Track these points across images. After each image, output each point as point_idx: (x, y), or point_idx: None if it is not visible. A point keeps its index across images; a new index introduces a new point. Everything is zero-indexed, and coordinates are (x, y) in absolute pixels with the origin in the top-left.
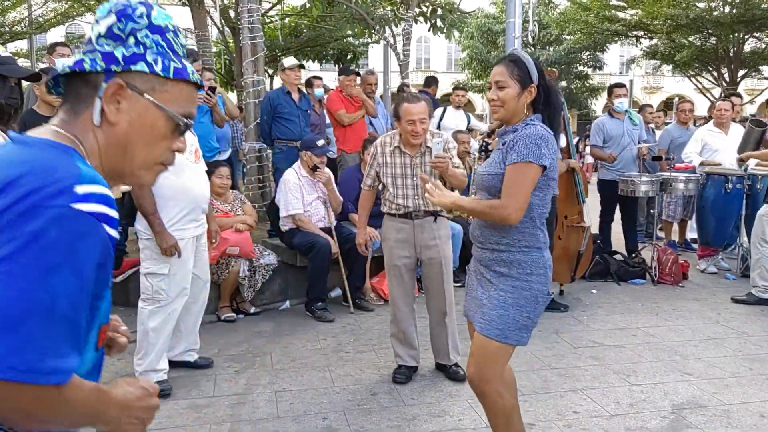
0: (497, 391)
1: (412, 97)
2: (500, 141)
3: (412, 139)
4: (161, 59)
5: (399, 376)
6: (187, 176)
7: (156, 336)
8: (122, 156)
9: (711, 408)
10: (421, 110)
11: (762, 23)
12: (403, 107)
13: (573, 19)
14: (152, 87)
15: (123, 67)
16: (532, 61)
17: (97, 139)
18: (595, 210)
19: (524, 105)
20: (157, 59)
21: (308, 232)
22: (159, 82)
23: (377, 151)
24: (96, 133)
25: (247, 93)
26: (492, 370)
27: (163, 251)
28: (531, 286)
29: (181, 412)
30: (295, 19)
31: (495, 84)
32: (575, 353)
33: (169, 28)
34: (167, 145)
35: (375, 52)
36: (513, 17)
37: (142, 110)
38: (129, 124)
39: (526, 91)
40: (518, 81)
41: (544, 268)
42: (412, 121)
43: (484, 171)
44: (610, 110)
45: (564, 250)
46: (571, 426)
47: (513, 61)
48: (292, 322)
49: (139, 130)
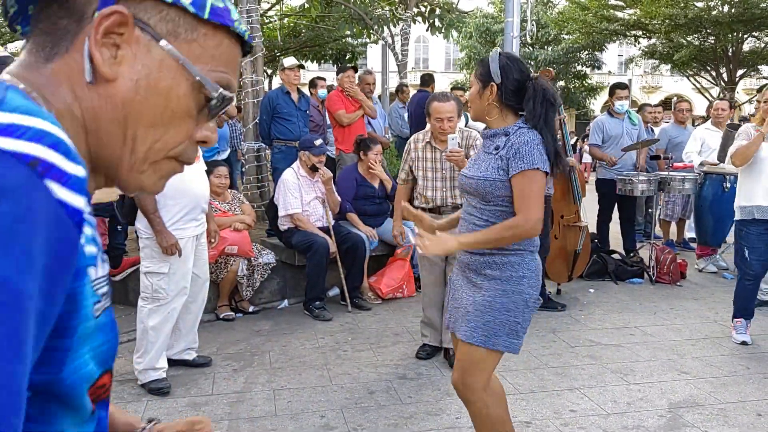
0: (482, 400)
1: (442, 97)
2: (488, 143)
3: (440, 136)
4: None
5: (422, 352)
6: (188, 175)
7: (155, 334)
8: (119, 136)
9: (708, 407)
10: (449, 109)
11: (761, 22)
12: (433, 105)
13: (571, 19)
14: (174, 30)
15: None
16: (498, 61)
17: (80, 102)
18: (592, 209)
19: (487, 102)
20: None
21: (306, 231)
22: (187, 23)
23: (411, 147)
24: (78, 93)
25: (245, 93)
26: (475, 378)
27: (164, 250)
28: (522, 289)
29: (180, 410)
30: (293, 20)
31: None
32: (572, 352)
33: None
34: (189, 130)
35: (373, 52)
36: (511, 17)
37: (156, 65)
38: (135, 84)
39: (487, 90)
40: (480, 80)
41: (536, 271)
42: (440, 119)
43: (474, 175)
44: (610, 110)
45: (561, 250)
46: (568, 425)
47: (480, 62)
48: (290, 321)
49: (149, 98)
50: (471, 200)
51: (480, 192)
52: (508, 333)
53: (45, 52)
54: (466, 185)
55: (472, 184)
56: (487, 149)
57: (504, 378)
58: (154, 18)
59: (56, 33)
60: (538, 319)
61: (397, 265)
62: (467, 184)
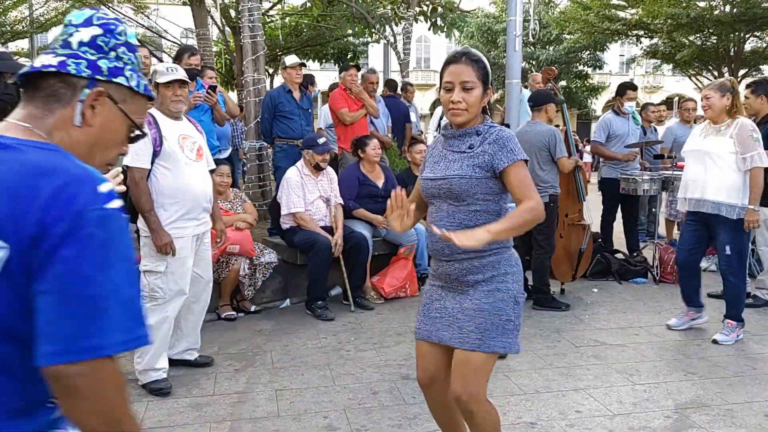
0: (485, 408)
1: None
2: (456, 143)
3: None
4: (135, 76)
5: None
6: (187, 174)
7: (153, 334)
8: (86, 155)
9: (715, 407)
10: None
11: (763, 22)
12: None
13: (573, 19)
14: (124, 98)
15: (107, 78)
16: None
17: (70, 137)
18: (596, 209)
19: (481, 105)
20: (133, 75)
21: (309, 230)
22: (130, 95)
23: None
24: (68, 132)
25: (247, 92)
26: (479, 386)
27: (158, 249)
28: (508, 286)
29: (182, 411)
30: (295, 19)
31: (459, 85)
32: (577, 352)
33: (136, 47)
34: (120, 150)
35: (375, 52)
36: (514, 15)
37: (113, 117)
38: (100, 127)
39: (486, 93)
40: (482, 81)
41: (517, 266)
42: None
43: (446, 175)
44: (617, 109)
45: (565, 249)
46: (573, 425)
47: (476, 61)
48: (292, 321)
49: (107, 134)
50: (440, 204)
51: (454, 191)
52: (502, 333)
53: (48, 107)
54: (434, 187)
55: (443, 184)
56: (454, 149)
57: (508, 378)
58: (116, 92)
59: (57, 97)
60: (541, 319)
61: (399, 265)
62: (435, 186)
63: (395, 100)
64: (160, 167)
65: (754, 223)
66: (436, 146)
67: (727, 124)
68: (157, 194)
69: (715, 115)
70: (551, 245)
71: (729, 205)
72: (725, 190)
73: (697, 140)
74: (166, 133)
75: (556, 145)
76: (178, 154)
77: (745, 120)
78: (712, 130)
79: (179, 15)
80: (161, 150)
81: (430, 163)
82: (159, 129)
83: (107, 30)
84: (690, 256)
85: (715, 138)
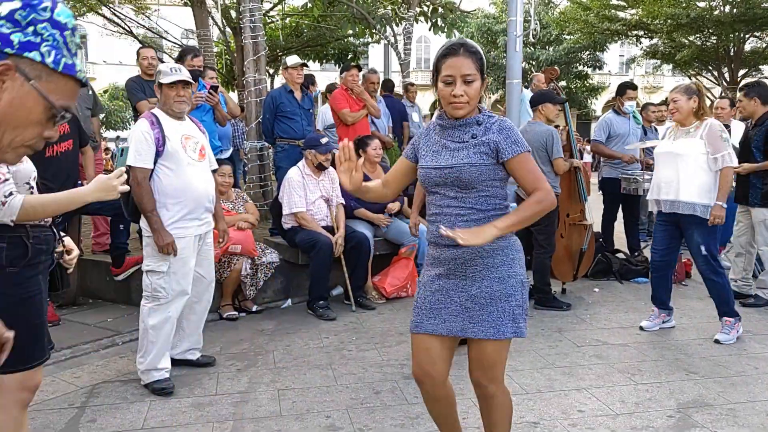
0: (504, 390)
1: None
2: (457, 132)
3: None
4: (54, 52)
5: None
6: (189, 174)
7: (155, 334)
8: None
9: (717, 407)
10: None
11: (763, 22)
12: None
13: (573, 19)
14: (39, 75)
15: (16, 51)
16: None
17: None
18: (596, 209)
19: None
20: (51, 52)
21: (310, 230)
22: (47, 72)
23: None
24: None
25: (248, 92)
26: (498, 371)
27: (159, 249)
28: (516, 271)
29: (184, 411)
30: (296, 19)
31: (461, 78)
32: (579, 352)
33: (68, 26)
34: (39, 131)
35: (376, 52)
36: (514, 15)
37: (24, 94)
38: (8, 103)
39: (483, 83)
40: (480, 72)
41: (520, 251)
42: None
43: (454, 163)
44: (618, 108)
45: (566, 249)
46: (576, 425)
47: (474, 52)
48: (294, 321)
49: (17, 111)
50: (447, 192)
51: (463, 179)
52: (513, 319)
53: None
54: (440, 176)
55: (451, 173)
56: (455, 139)
57: (511, 378)
58: (29, 68)
59: None
60: (543, 319)
61: (401, 265)
62: (441, 175)
63: (392, 99)
64: (163, 167)
65: (720, 219)
66: (429, 135)
67: (695, 126)
68: (159, 194)
69: (683, 117)
70: (551, 245)
71: (703, 205)
72: (697, 190)
73: (667, 143)
74: (169, 133)
75: (553, 145)
76: (181, 154)
77: (713, 121)
78: (681, 133)
79: (180, 16)
80: (164, 150)
81: (429, 152)
82: (162, 129)
83: (27, 5)
84: (665, 257)
85: (685, 140)
